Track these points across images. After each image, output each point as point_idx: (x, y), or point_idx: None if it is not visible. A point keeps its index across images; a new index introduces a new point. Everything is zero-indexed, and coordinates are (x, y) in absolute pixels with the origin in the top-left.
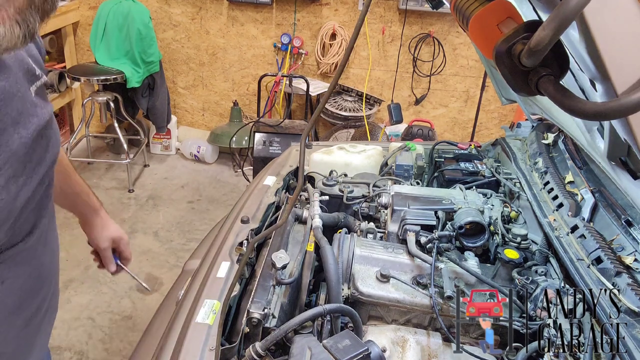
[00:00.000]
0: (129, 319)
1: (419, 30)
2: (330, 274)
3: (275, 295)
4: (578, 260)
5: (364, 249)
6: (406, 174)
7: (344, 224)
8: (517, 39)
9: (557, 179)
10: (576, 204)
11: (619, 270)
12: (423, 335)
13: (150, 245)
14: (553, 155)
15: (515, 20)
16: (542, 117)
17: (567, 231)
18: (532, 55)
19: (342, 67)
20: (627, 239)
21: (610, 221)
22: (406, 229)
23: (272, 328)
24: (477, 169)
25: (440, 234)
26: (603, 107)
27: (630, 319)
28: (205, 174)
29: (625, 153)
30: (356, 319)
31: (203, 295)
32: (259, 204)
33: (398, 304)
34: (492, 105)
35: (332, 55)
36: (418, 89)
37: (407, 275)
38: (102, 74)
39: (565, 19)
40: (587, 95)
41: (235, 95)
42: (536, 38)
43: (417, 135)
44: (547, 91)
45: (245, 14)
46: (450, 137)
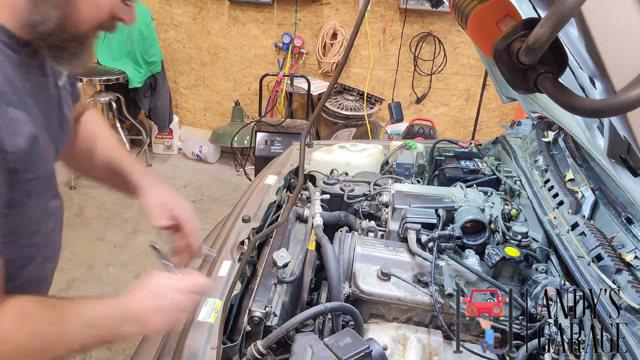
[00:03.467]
0: None
1: (420, 29)
2: (332, 273)
3: (276, 294)
4: (578, 257)
5: (365, 247)
6: (407, 173)
7: (345, 223)
8: (515, 36)
9: (558, 176)
10: (576, 201)
11: (620, 268)
12: (424, 333)
13: None
14: (553, 153)
15: (513, 18)
16: (543, 115)
17: (567, 229)
18: (530, 52)
19: (342, 66)
20: (627, 236)
21: (611, 218)
22: (407, 227)
23: (274, 326)
24: (477, 167)
25: (441, 233)
26: (601, 104)
27: (631, 316)
28: (207, 174)
29: (625, 150)
30: (357, 317)
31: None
32: (260, 203)
33: (399, 302)
34: (493, 103)
35: (333, 55)
36: (419, 87)
37: (408, 274)
38: (104, 75)
39: (562, 16)
40: (587, 93)
41: (236, 95)
42: (534, 35)
43: (418, 134)
44: (545, 88)
45: (246, 13)
46: (451, 135)
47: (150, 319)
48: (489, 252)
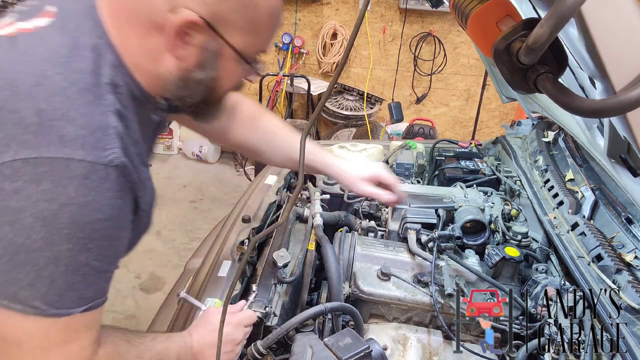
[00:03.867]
0: (133, 318)
1: (420, 29)
2: (332, 273)
3: (276, 294)
4: (578, 257)
5: (365, 247)
6: (407, 173)
7: (345, 223)
8: (515, 36)
9: (558, 176)
10: (576, 201)
11: (620, 268)
12: (424, 333)
13: (153, 244)
14: (553, 153)
15: (513, 18)
16: (543, 115)
17: (567, 229)
18: (530, 52)
19: (342, 66)
20: (627, 236)
21: (611, 219)
22: (407, 227)
23: (274, 326)
24: (477, 167)
25: (441, 233)
26: (601, 104)
27: (631, 316)
28: (207, 174)
29: (625, 150)
30: (357, 317)
31: (205, 294)
32: (260, 203)
33: (399, 302)
34: (493, 103)
35: (333, 55)
36: (419, 87)
37: (408, 274)
38: None
39: (562, 16)
40: (587, 93)
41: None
42: (534, 36)
43: (418, 134)
44: (545, 89)
45: None
46: (451, 135)
47: (208, 354)
48: (489, 252)
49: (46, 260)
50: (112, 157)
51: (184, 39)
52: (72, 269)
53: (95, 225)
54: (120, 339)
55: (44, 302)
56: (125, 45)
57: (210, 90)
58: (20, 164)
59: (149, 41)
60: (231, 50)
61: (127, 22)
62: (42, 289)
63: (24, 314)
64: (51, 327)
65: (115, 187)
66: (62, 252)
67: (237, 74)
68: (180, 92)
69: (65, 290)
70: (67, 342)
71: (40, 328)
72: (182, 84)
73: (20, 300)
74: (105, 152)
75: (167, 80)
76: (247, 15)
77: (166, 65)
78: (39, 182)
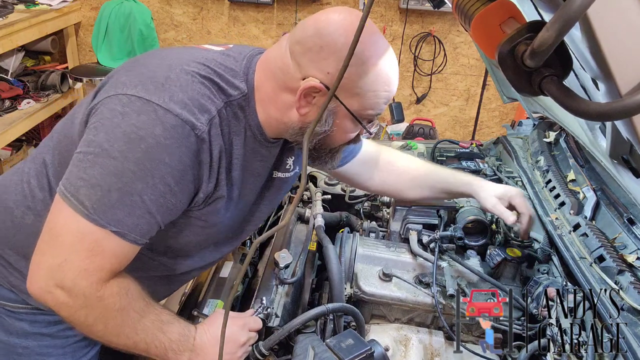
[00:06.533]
0: None
1: (420, 29)
2: (333, 273)
3: (278, 295)
4: (580, 258)
5: (367, 248)
6: None
7: (346, 223)
8: (520, 39)
9: (559, 177)
10: (578, 202)
11: (622, 269)
12: (425, 334)
13: None
14: (555, 153)
15: (517, 20)
16: (544, 116)
17: (569, 229)
18: (535, 56)
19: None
20: (629, 237)
21: (613, 219)
22: (408, 227)
23: (275, 327)
24: (478, 167)
25: (442, 234)
26: (607, 107)
27: (633, 317)
28: None
29: (627, 151)
30: (359, 318)
31: (207, 294)
32: None
33: (401, 303)
34: (493, 103)
35: None
36: (419, 87)
37: (410, 274)
38: (105, 75)
39: (569, 19)
40: (589, 94)
41: None
42: (540, 39)
43: (418, 134)
44: (550, 92)
45: (246, 14)
46: (452, 135)
47: (208, 348)
48: (491, 253)
49: (114, 169)
50: (199, 126)
51: (308, 100)
52: (127, 190)
53: (161, 165)
54: (135, 288)
55: (93, 205)
56: (261, 90)
57: (322, 140)
58: (136, 99)
59: (281, 97)
60: (346, 110)
61: (268, 78)
62: (98, 194)
63: (74, 211)
64: (87, 233)
65: (189, 148)
66: (127, 171)
67: (349, 131)
68: (297, 138)
69: (111, 206)
70: (92, 254)
71: (79, 229)
72: (300, 132)
73: (79, 197)
74: (197, 122)
75: (289, 127)
76: (363, 84)
77: (291, 117)
78: (140, 114)
